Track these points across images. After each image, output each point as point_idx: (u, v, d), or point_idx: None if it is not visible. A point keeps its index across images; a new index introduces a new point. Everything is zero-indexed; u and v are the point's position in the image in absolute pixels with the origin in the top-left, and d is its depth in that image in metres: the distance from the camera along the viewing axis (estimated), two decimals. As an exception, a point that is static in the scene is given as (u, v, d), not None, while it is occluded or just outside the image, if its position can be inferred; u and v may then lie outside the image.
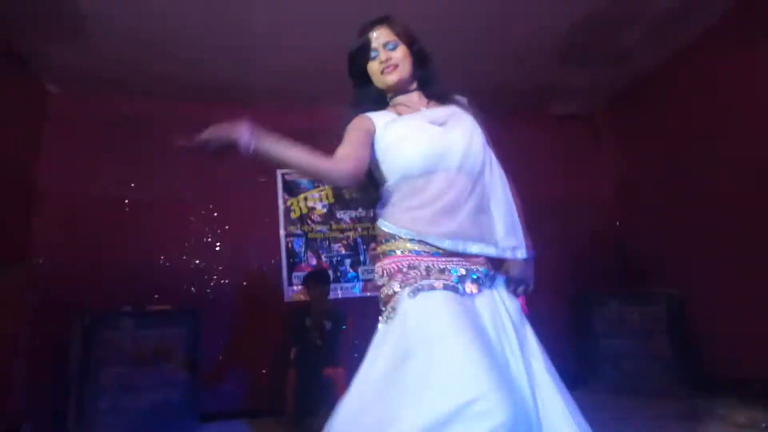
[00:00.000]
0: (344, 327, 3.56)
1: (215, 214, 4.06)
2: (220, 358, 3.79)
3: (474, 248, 1.30)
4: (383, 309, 1.31)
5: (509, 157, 1.60)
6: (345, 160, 1.34)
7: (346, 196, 4.29)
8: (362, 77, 1.48)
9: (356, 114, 1.46)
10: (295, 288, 4.03)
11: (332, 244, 4.22)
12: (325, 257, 4.19)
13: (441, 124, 1.38)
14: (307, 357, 3.43)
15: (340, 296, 4.10)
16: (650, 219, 4.15)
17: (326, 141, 4.58)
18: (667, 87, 3.91)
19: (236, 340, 3.84)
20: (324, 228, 4.23)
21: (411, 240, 1.30)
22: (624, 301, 3.75)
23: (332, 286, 3.97)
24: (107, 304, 3.45)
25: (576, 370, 3.77)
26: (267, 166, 4.11)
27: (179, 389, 3.24)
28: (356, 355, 3.93)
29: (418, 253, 1.28)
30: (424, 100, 1.48)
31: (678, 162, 3.77)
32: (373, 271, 1.41)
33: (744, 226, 3.20)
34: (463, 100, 1.51)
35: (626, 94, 4.35)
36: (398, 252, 1.30)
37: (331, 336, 3.49)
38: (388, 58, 1.41)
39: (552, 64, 3.78)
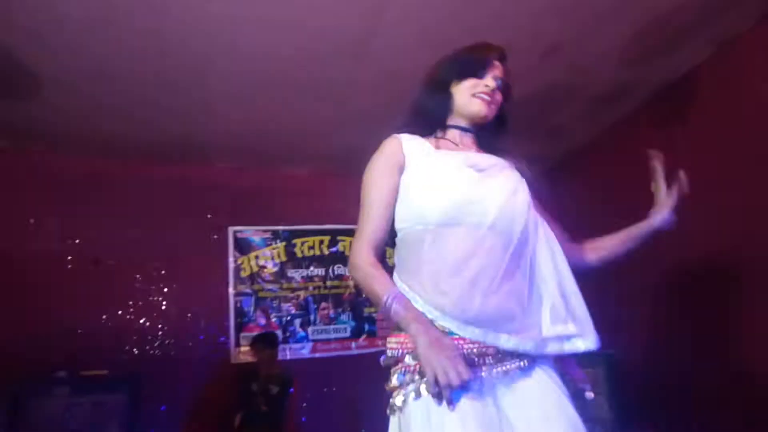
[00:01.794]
0: (291, 391, 3.52)
1: (162, 272, 3.98)
2: (162, 424, 3.64)
3: (507, 342, 1.09)
4: (391, 395, 1.12)
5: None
6: (368, 258, 1.19)
7: (299, 254, 4.32)
8: (441, 87, 1.32)
9: (397, 131, 1.32)
10: (242, 349, 3.96)
11: (282, 304, 4.21)
12: (275, 317, 4.16)
13: (480, 171, 1.20)
14: (251, 423, 3.36)
15: (288, 357, 4.05)
16: (588, 283, 4.35)
17: (279, 201, 4.64)
18: (595, 160, 4.23)
19: (179, 405, 3.70)
20: (274, 287, 4.22)
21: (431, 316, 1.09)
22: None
23: (281, 347, 3.94)
24: (40, 369, 3.28)
25: None
26: (221, 225, 4.17)
27: (116, 460, 3.09)
28: (304, 419, 3.88)
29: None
30: (475, 146, 1.34)
31: (606, 230, 4.02)
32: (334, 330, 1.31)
33: (673, 294, 3.43)
34: (521, 160, 1.36)
35: (560, 165, 4.65)
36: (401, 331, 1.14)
37: (277, 401, 3.44)
38: (494, 91, 1.29)
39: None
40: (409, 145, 1.27)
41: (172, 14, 2.46)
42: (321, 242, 4.39)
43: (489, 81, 1.29)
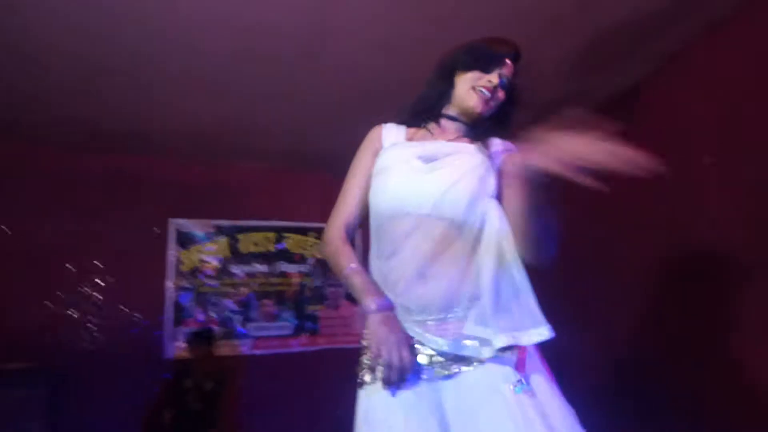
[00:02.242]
0: (225, 390, 3.45)
1: (96, 263, 3.82)
2: (86, 422, 3.48)
3: (442, 341, 1.09)
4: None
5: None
6: (337, 236, 1.27)
7: (242, 250, 4.24)
8: (445, 76, 1.32)
9: (396, 118, 1.36)
10: (179, 344, 3.85)
11: (223, 300, 4.11)
12: (215, 313, 4.06)
13: (429, 161, 1.20)
14: (183, 420, 3.26)
15: (227, 353, 3.97)
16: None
17: (224, 196, 4.54)
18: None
19: (109, 400, 3.56)
20: (216, 282, 4.12)
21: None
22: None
23: (220, 343, 3.85)
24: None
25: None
26: (162, 218, 4.05)
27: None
28: (241, 416, 3.81)
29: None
30: (455, 134, 1.31)
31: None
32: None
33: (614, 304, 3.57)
34: (499, 144, 1.30)
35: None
36: None
37: (211, 397, 3.35)
38: (495, 89, 1.26)
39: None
40: (388, 134, 1.33)
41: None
42: (266, 239, 4.33)
43: (493, 77, 1.25)
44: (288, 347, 4.19)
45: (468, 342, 1.08)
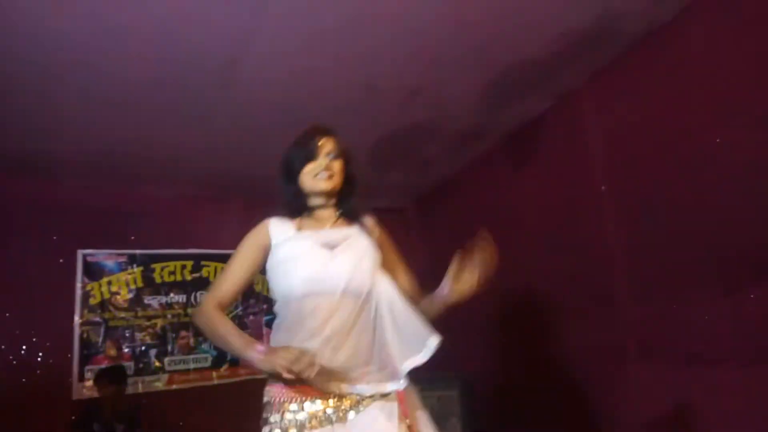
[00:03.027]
0: (139, 429, 3.28)
1: (-6, 297, 3.54)
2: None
3: (351, 390, 1.34)
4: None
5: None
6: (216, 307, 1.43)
7: (157, 280, 4.08)
8: (291, 178, 1.52)
9: (269, 216, 1.52)
10: (86, 384, 3.62)
11: (136, 333, 3.92)
12: (127, 347, 3.87)
13: (332, 248, 1.42)
14: (91, 467, 3.06)
15: (141, 390, 3.79)
16: (447, 309, 4.63)
17: (137, 223, 4.37)
18: (460, 192, 4.55)
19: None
20: (128, 315, 3.93)
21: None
22: (424, 386, 4.04)
23: (132, 379, 3.68)
24: None
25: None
26: (69, 248, 3.82)
27: None
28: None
29: (288, 383, 1.30)
30: (334, 217, 1.54)
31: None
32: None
33: (524, 317, 3.75)
34: (369, 220, 1.59)
35: (430, 193, 4.94)
36: (278, 382, 1.34)
37: (123, 440, 3.18)
38: (329, 166, 1.48)
39: (364, 166, 4.17)
40: (276, 229, 1.49)
41: (11, 15, 2.24)
42: (183, 267, 4.18)
43: (322, 160, 1.48)
44: (208, 380, 4.05)
45: (369, 387, 1.37)
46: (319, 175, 1.48)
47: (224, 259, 4.48)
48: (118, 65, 2.62)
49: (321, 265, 1.39)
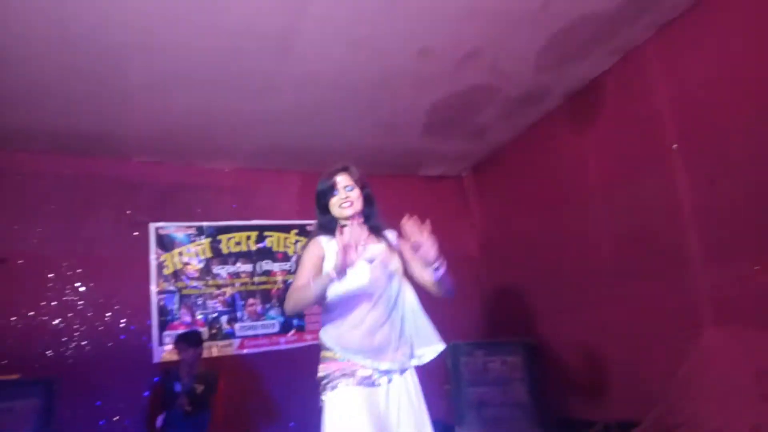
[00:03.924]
0: (215, 391, 3.48)
1: (78, 270, 3.80)
2: (79, 429, 3.49)
3: (383, 365, 1.79)
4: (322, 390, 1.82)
5: (386, 214, 2.02)
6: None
7: (224, 251, 4.26)
8: (323, 209, 1.95)
9: (315, 235, 1.92)
10: (166, 348, 3.86)
11: (208, 301, 4.13)
12: (200, 314, 4.08)
13: (370, 261, 1.84)
14: (175, 423, 3.29)
15: (215, 355, 4.00)
16: (509, 273, 4.59)
17: (203, 196, 4.53)
18: (517, 158, 4.45)
19: (98, 408, 3.57)
20: (199, 284, 4.14)
21: (342, 355, 1.80)
22: (488, 351, 4.07)
23: (207, 344, 3.88)
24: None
25: (448, 416, 3.98)
26: (142, 221, 4.04)
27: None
28: (231, 415, 3.84)
29: (343, 360, 1.80)
30: (365, 233, 1.82)
31: (528, 223, 4.27)
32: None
33: (588, 281, 3.68)
34: (393, 234, 1.97)
35: (486, 160, 4.86)
36: (333, 360, 1.81)
37: (202, 400, 3.39)
38: (347, 196, 1.90)
39: (420, 134, 4.14)
40: (326, 245, 1.89)
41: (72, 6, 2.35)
42: (248, 238, 4.34)
43: (342, 194, 1.91)
44: (276, 345, 4.24)
45: (396, 363, 1.83)
46: (342, 205, 1.89)
47: (285, 229, 4.63)
48: (179, 40, 2.70)
49: (364, 275, 1.81)
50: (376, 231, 1.96)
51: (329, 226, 1.92)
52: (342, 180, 1.92)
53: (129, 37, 2.64)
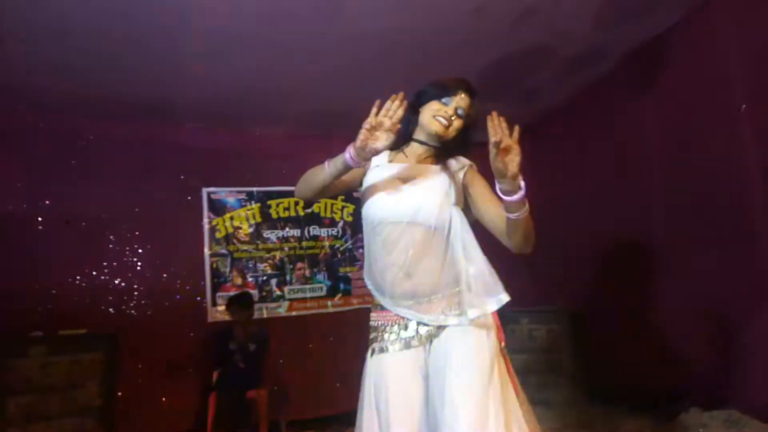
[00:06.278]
0: (267, 350, 3.61)
1: (136, 233, 3.96)
2: (139, 382, 3.70)
3: (414, 316, 1.45)
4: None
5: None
6: None
7: (273, 215, 4.34)
8: (414, 107, 1.58)
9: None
10: (219, 309, 4.01)
11: (258, 264, 4.24)
12: (251, 277, 4.20)
13: (406, 181, 1.51)
14: (229, 380, 3.44)
15: (265, 316, 4.14)
16: (557, 242, 4.51)
17: (253, 162, 4.59)
18: (570, 122, 4.30)
19: (156, 363, 3.76)
20: (250, 247, 4.25)
21: (378, 299, 1.52)
22: (533, 319, 4.04)
23: (258, 306, 4.01)
24: (15, 329, 3.29)
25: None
26: (195, 186, 4.15)
27: (93, 417, 3.15)
28: (281, 375, 3.99)
29: (383, 308, 1.51)
30: (425, 155, 1.59)
31: (580, 191, 4.15)
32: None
33: (642, 251, 3.58)
34: (457, 161, 1.57)
35: (538, 123, 4.72)
36: (375, 308, 1.54)
37: (254, 358, 3.52)
38: (452, 117, 1.52)
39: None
40: (377, 159, 1.57)
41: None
42: (296, 203, 4.41)
43: (450, 108, 1.52)
44: (323, 308, 4.34)
45: (449, 317, 1.44)
46: (437, 117, 1.52)
47: (333, 195, 4.63)
48: (232, 4, 2.70)
49: (390, 195, 1.49)
50: (438, 157, 1.58)
51: (402, 128, 1.50)
52: (462, 100, 1.53)
53: (182, 4, 2.66)
